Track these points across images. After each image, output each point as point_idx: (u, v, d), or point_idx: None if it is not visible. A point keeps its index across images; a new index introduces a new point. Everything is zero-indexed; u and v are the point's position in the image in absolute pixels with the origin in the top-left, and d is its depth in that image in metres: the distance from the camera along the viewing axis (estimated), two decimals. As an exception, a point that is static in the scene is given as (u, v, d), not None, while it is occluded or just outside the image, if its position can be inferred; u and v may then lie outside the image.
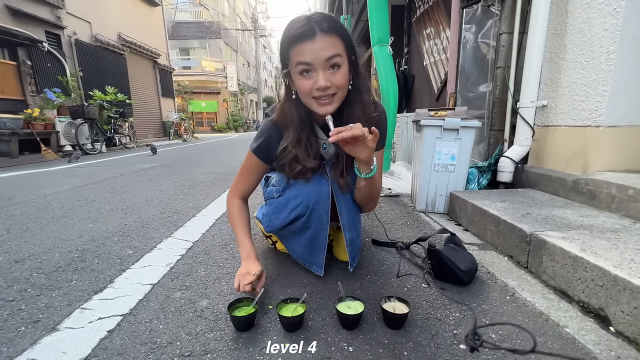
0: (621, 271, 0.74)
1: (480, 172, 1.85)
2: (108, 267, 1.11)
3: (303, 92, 0.82)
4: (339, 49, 0.78)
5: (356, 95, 0.88)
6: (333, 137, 0.71)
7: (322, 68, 0.77)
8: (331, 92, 0.80)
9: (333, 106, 0.82)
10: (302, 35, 0.76)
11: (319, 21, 0.77)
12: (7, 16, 5.50)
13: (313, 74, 0.78)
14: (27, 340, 0.73)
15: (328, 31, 0.77)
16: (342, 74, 0.80)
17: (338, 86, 0.80)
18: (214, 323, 0.78)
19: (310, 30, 0.76)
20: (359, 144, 0.76)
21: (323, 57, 0.76)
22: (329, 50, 0.76)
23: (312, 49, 0.76)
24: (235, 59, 22.07)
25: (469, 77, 2.38)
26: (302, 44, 0.76)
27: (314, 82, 0.78)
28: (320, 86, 0.78)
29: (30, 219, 1.71)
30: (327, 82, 0.78)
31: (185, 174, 3.19)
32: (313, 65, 0.77)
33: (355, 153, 0.79)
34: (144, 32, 10.09)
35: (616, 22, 1.29)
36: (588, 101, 1.42)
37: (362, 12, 5.54)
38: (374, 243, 1.28)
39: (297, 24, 0.78)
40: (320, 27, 0.76)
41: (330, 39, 0.77)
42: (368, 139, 0.75)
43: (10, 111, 5.17)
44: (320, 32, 0.76)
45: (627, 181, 1.20)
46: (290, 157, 0.92)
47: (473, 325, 0.75)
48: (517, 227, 1.10)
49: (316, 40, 0.76)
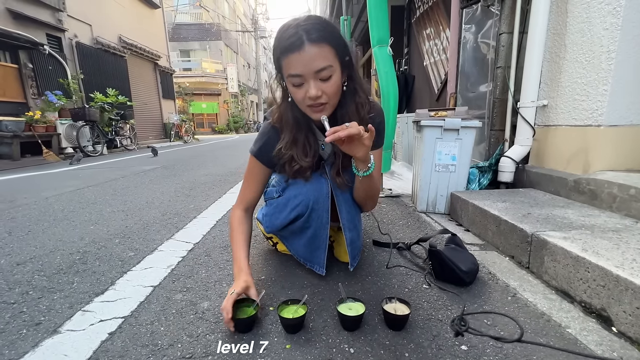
0: (623, 271, 0.74)
1: (481, 172, 1.85)
2: (109, 269, 1.11)
3: (297, 101, 0.83)
4: (329, 58, 0.77)
5: (350, 96, 0.88)
6: (330, 137, 0.72)
7: (313, 78, 0.77)
8: (323, 101, 0.80)
9: (327, 111, 0.83)
10: (291, 46, 0.75)
11: (308, 30, 0.74)
12: (8, 19, 5.53)
13: (304, 84, 0.78)
14: (29, 343, 0.73)
15: (317, 41, 0.75)
16: (333, 84, 0.80)
17: (329, 95, 0.80)
18: (215, 325, 0.78)
19: (299, 42, 0.74)
20: (355, 142, 0.76)
21: (312, 69, 0.76)
22: (319, 62, 0.75)
23: (301, 61, 0.75)
24: (236, 61, 22.11)
25: (469, 77, 2.38)
26: (291, 55, 0.75)
27: (306, 91, 0.78)
28: (311, 95, 0.78)
29: (31, 221, 1.71)
30: (318, 91, 0.78)
31: (186, 176, 3.19)
32: (304, 77, 0.77)
33: (352, 152, 0.79)
34: (145, 34, 10.12)
35: (616, 21, 1.29)
36: (589, 101, 1.42)
37: (361, 12, 5.55)
38: (375, 244, 1.28)
39: (287, 32, 0.76)
40: (309, 37, 0.74)
41: (320, 49, 0.75)
42: (364, 138, 0.75)
43: (12, 114, 5.20)
44: (308, 42, 0.74)
45: (629, 181, 1.20)
46: (286, 157, 0.92)
47: (461, 311, 0.77)
48: (518, 227, 1.10)
49: (305, 52, 0.74)
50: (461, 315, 0.75)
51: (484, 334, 0.69)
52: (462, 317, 0.74)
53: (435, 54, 3.50)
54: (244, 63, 24.98)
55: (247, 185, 1.02)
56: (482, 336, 0.69)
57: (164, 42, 11.72)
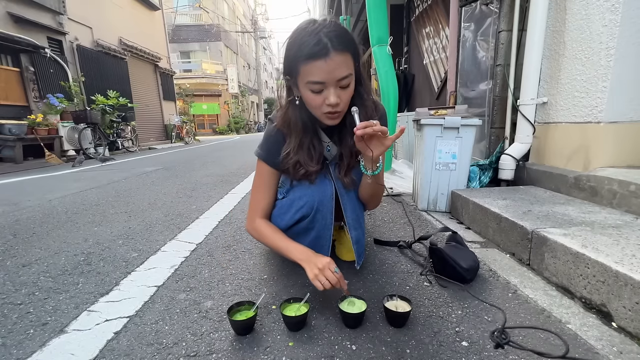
0: (622, 267, 0.74)
1: (482, 170, 1.85)
2: (113, 269, 1.13)
3: (313, 107, 0.84)
4: (350, 67, 0.79)
5: (359, 100, 0.89)
6: (360, 130, 0.73)
7: (334, 86, 0.78)
8: (339, 109, 0.82)
9: (339, 119, 0.86)
10: (316, 54, 0.74)
11: (332, 38, 0.74)
12: (9, 23, 5.56)
13: (324, 91, 0.79)
14: (36, 343, 0.74)
15: (341, 49, 0.75)
16: (350, 91, 0.82)
17: (345, 102, 0.83)
18: (218, 323, 0.79)
19: (325, 50, 0.74)
20: (375, 141, 0.79)
21: (335, 78, 0.77)
22: (342, 70, 0.77)
23: (326, 69, 0.75)
24: (236, 61, 22.13)
25: (469, 75, 2.38)
26: (314, 63, 0.75)
27: (324, 98, 0.79)
28: (331, 103, 0.79)
29: (36, 223, 1.73)
30: (338, 99, 0.79)
31: (187, 177, 3.21)
32: (325, 84, 0.78)
33: (370, 150, 0.80)
34: (145, 36, 10.15)
35: (615, 18, 1.29)
36: (588, 97, 1.42)
37: (361, 12, 5.55)
38: (376, 242, 1.29)
39: (310, 38, 0.75)
40: (333, 45, 0.74)
41: (343, 58, 0.76)
42: (388, 138, 0.78)
43: (15, 117, 5.22)
44: (333, 51, 0.74)
45: (629, 177, 1.20)
46: (293, 161, 0.93)
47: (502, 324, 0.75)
48: (518, 224, 1.10)
49: (331, 60, 0.74)
50: (502, 328, 0.74)
51: (526, 348, 0.67)
52: (503, 330, 0.73)
53: (435, 53, 3.50)
54: (244, 64, 25.01)
55: (260, 192, 1.00)
56: (525, 350, 0.67)
57: (164, 44, 11.74)
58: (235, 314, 0.77)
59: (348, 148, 0.93)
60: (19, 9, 5.72)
